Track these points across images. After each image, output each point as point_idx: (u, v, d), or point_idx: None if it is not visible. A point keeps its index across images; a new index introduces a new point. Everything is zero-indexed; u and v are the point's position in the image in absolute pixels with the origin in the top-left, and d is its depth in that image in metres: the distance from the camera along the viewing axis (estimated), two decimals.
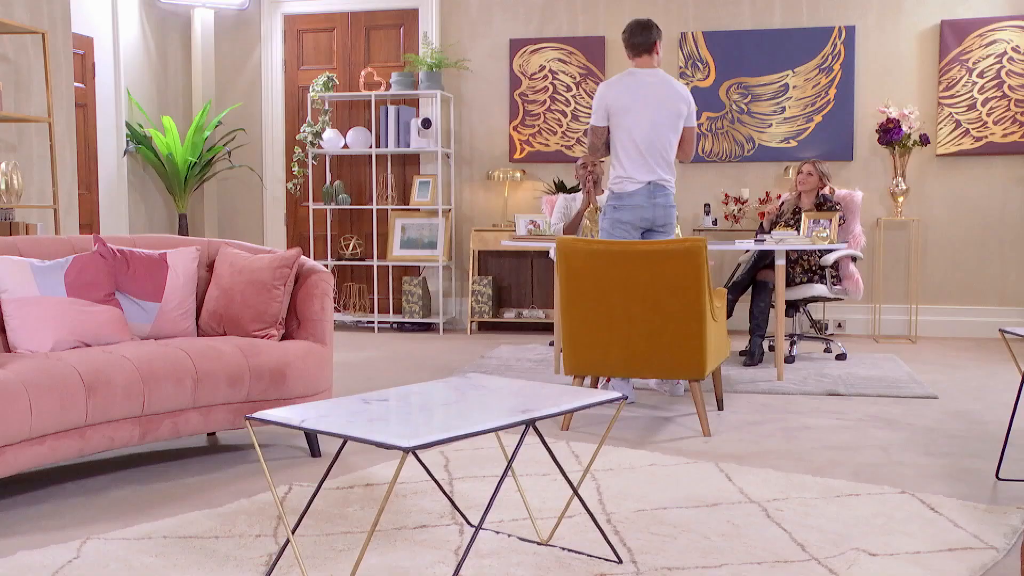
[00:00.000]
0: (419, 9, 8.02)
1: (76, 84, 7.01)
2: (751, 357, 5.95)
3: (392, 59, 8.15)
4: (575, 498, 3.23)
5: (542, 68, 7.79)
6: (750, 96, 7.49)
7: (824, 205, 6.21)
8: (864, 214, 7.15)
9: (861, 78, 7.36)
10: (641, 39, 4.99)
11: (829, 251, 6.03)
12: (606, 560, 2.70)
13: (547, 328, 7.77)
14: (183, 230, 7.86)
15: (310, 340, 3.96)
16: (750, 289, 6.17)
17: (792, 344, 6.21)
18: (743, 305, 7.08)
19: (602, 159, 5.12)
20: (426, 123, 7.67)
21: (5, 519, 3.11)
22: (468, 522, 2.99)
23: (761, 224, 6.52)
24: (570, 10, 7.78)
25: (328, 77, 7.78)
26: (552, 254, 6.42)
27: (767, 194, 7.42)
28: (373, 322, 7.98)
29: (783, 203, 6.44)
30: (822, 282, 6.09)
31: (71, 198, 5.96)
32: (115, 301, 3.74)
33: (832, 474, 3.60)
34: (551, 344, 6.86)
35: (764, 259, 6.12)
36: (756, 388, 5.22)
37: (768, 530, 2.93)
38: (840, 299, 6.22)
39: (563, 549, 2.79)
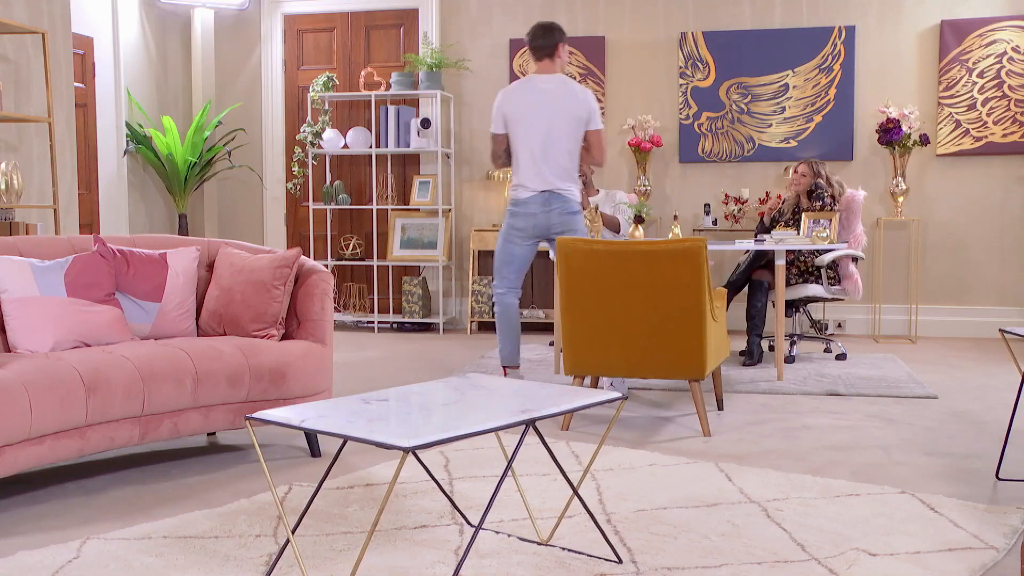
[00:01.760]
0: (419, 9, 8.02)
1: (76, 84, 7.01)
2: (750, 357, 5.95)
3: (392, 59, 8.15)
4: (575, 498, 3.23)
5: None
6: (750, 96, 7.49)
7: (814, 193, 6.17)
8: (864, 214, 7.15)
9: (861, 78, 7.36)
10: (542, 42, 4.95)
11: (825, 252, 6.02)
12: (606, 560, 2.70)
13: (547, 328, 7.77)
14: (183, 230, 7.86)
15: (310, 340, 3.96)
16: (746, 289, 6.17)
17: (792, 344, 6.21)
18: (739, 305, 7.07)
19: (505, 166, 5.13)
20: (425, 123, 7.67)
21: (5, 519, 3.11)
22: (468, 522, 2.99)
23: (761, 220, 6.50)
24: (570, 10, 7.78)
25: (328, 77, 7.78)
26: (552, 255, 6.43)
27: (767, 194, 7.42)
28: (373, 322, 7.99)
29: (784, 201, 6.43)
30: (818, 282, 6.08)
31: (71, 198, 5.96)
32: (115, 301, 3.74)
33: (832, 474, 3.60)
34: (551, 344, 6.86)
35: (760, 259, 6.12)
36: (756, 388, 5.22)
37: (768, 530, 2.93)
38: (838, 299, 6.21)
39: (563, 549, 2.79)
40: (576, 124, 4.92)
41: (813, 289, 6.06)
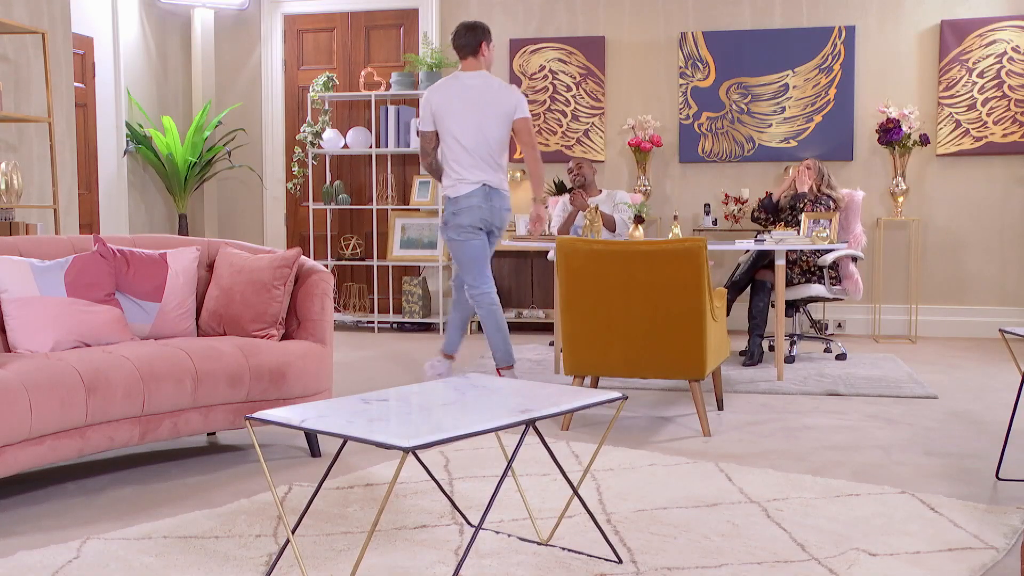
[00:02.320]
0: (419, 9, 8.02)
1: (76, 84, 7.01)
2: (750, 357, 5.95)
3: (392, 59, 8.15)
4: (575, 498, 3.23)
5: (542, 68, 7.79)
6: (750, 96, 7.49)
7: (819, 199, 6.16)
8: (864, 214, 7.14)
9: (861, 78, 7.36)
10: (465, 41, 5.04)
11: (827, 252, 6.02)
12: (606, 560, 2.70)
13: (547, 328, 7.77)
14: (183, 230, 7.86)
15: (310, 340, 3.96)
16: (748, 289, 6.17)
17: (792, 344, 6.20)
18: (741, 305, 7.07)
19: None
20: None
21: (5, 519, 3.11)
22: (468, 522, 2.99)
23: (769, 196, 6.37)
24: (570, 10, 7.78)
25: (328, 77, 7.78)
26: (551, 255, 6.42)
27: (767, 194, 7.41)
28: (373, 322, 7.98)
29: (783, 196, 6.41)
30: (820, 282, 6.08)
31: (71, 198, 5.96)
32: (115, 301, 3.74)
33: (832, 474, 3.60)
34: (551, 344, 6.86)
35: (762, 259, 6.12)
36: (756, 388, 5.22)
37: (768, 530, 2.93)
38: (839, 299, 6.21)
39: (563, 549, 2.79)
40: (504, 118, 5.03)
41: (816, 289, 6.06)
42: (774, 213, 6.31)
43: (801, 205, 6.15)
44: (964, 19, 7.15)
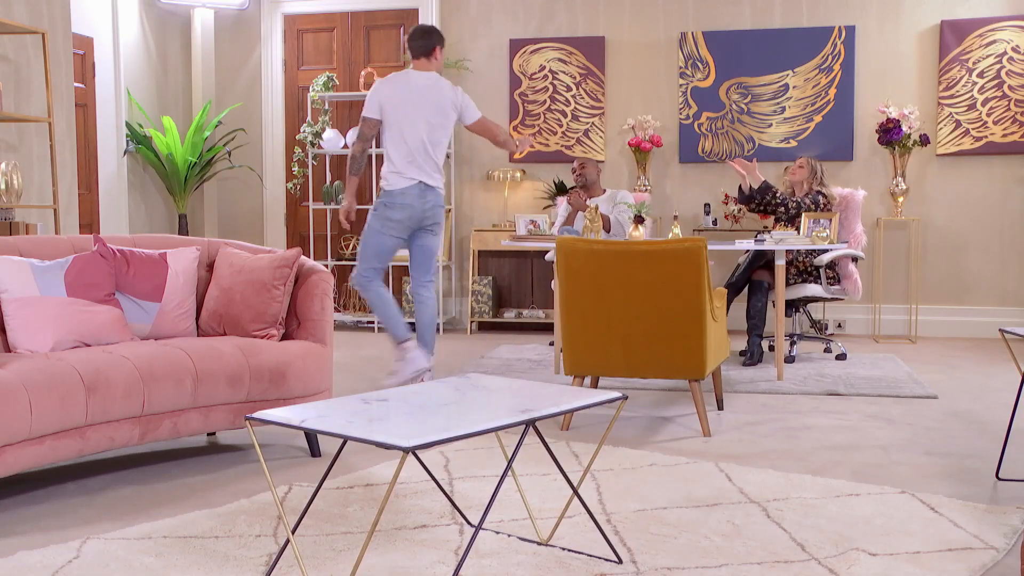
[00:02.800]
0: (419, 9, 8.02)
1: (76, 84, 7.01)
2: (750, 357, 5.95)
3: (392, 59, 8.15)
4: (575, 498, 3.23)
5: (542, 68, 7.79)
6: (750, 96, 7.49)
7: (811, 199, 6.13)
8: (864, 214, 7.14)
9: (861, 78, 7.36)
10: (420, 43, 5.20)
11: (823, 252, 6.01)
12: (606, 560, 2.70)
13: (547, 328, 7.77)
14: (183, 230, 7.86)
15: (310, 340, 3.96)
16: (746, 289, 6.16)
17: (792, 344, 6.20)
18: (739, 306, 7.07)
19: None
20: None
21: (5, 519, 3.11)
22: (468, 522, 2.99)
23: (740, 189, 6.27)
24: (570, 10, 7.78)
25: (328, 77, 7.78)
26: (549, 256, 6.42)
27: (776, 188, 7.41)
28: (373, 322, 7.98)
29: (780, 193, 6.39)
30: (817, 282, 6.08)
31: (71, 198, 5.96)
32: (115, 301, 3.74)
33: (832, 474, 3.60)
34: (551, 344, 6.86)
35: (759, 259, 6.12)
36: (756, 388, 5.22)
37: (768, 530, 2.93)
38: (838, 299, 6.20)
39: (563, 549, 2.79)
40: (447, 120, 5.17)
41: (812, 289, 6.05)
42: (747, 203, 6.24)
43: (770, 197, 6.09)
44: (964, 19, 7.15)
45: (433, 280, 5.32)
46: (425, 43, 5.19)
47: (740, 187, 6.22)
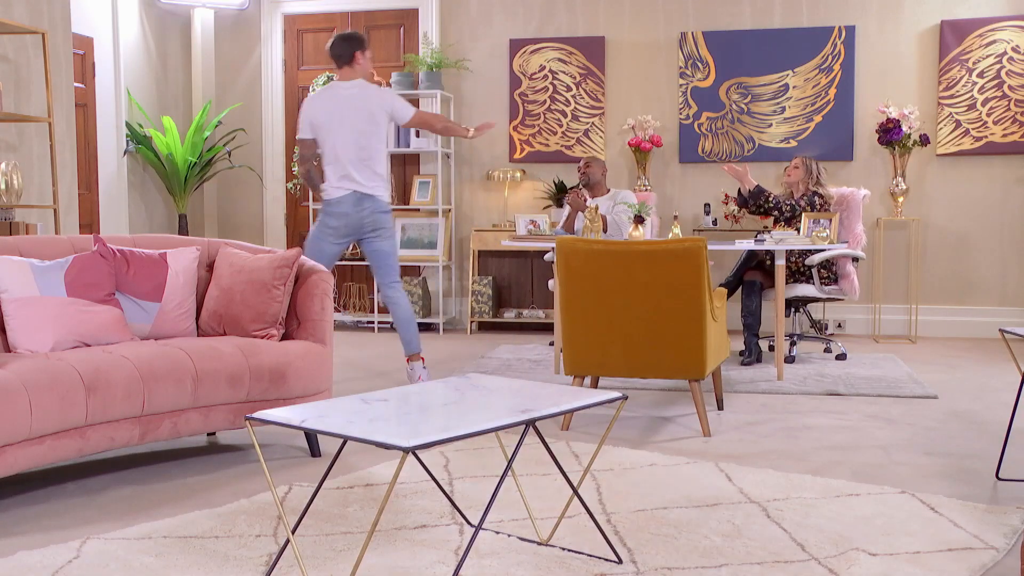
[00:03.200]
0: (419, 9, 8.02)
1: (76, 84, 7.01)
2: (748, 355, 5.95)
3: (392, 59, 8.15)
4: (575, 498, 3.23)
5: (542, 68, 7.79)
6: (750, 96, 7.49)
7: (808, 200, 6.13)
8: (864, 214, 7.14)
9: (861, 78, 7.36)
10: (339, 51, 5.20)
11: (816, 252, 5.97)
12: (606, 560, 2.70)
13: (547, 328, 7.77)
14: (183, 230, 7.86)
15: (310, 340, 3.96)
16: (740, 290, 6.15)
17: (792, 344, 6.20)
18: (733, 306, 7.05)
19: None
20: None
21: (5, 519, 3.11)
22: (468, 522, 2.99)
23: (764, 193, 6.25)
24: (570, 10, 7.78)
25: (328, 77, 7.77)
26: (548, 256, 6.42)
27: (769, 192, 7.41)
28: (373, 322, 7.98)
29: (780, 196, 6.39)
30: (810, 282, 6.06)
31: (71, 198, 5.96)
32: (115, 301, 3.74)
33: (832, 474, 3.60)
34: (551, 344, 6.86)
35: (751, 260, 6.13)
36: (756, 388, 5.22)
37: (768, 530, 2.93)
38: (833, 299, 6.18)
39: (563, 549, 2.79)
40: (378, 125, 5.17)
41: (804, 289, 6.04)
42: (744, 206, 6.27)
43: (763, 201, 6.11)
44: (964, 19, 7.15)
45: (399, 281, 5.33)
46: (344, 50, 5.19)
47: (739, 190, 6.23)
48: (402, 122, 5.23)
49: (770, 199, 6.12)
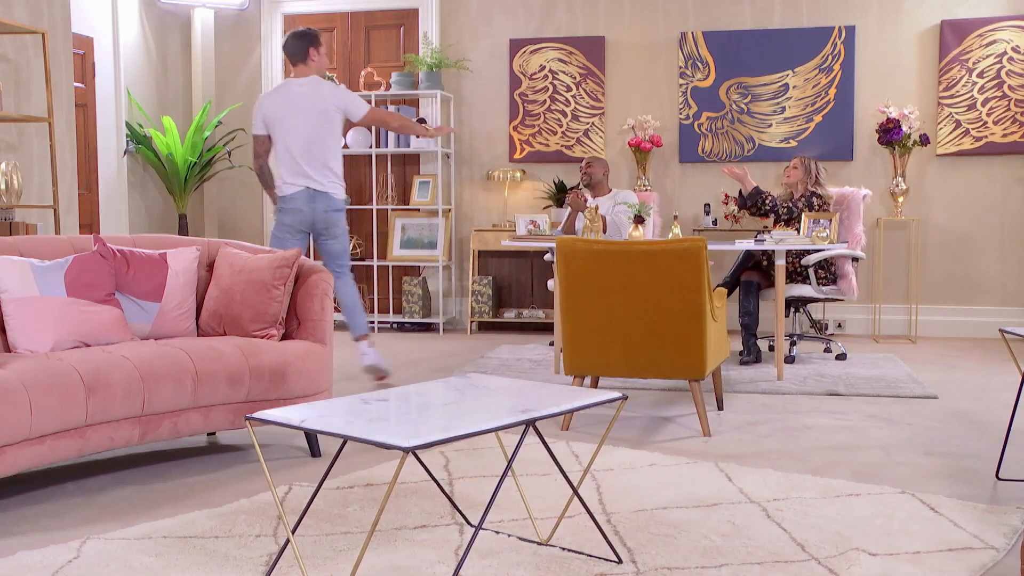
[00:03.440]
0: (419, 9, 8.02)
1: (76, 84, 7.01)
2: (747, 354, 5.95)
3: (392, 59, 8.15)
4: (575, 498, 3.23)
5: (542, 68, 7.79)
6: (750, 96, 7.49)
7: (807, 201, 6.13)
8: (864, 214, 7.14)
9: (861, 78, 7.36)
10: (294, 48, 5.25)
11: (813, 252, 5.96)
12: (606, 560, 2.70)
13: (547, 328, 7.77)
14: (183, 230, 7.86)
15: (310, 340, 3.96)
16: (738, 291, 6.15)
17: (792, 344, 6.20)
18: (731, 306, 7.03)
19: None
20: (421, 123, 7.67)
21: (5, 519, 3.11)
22: (468, 522, 2.99)
23: (762, 195, 6.25)
24: (570, 10, 7.78)
25: (328, 77, 7.78)
26: (547, 256, 6.41)
27: (767, 193, 7.41)
28: (373, 322, 7.98)
29: (779, 197, 6.40)
30: (807, 282, 6.06)
31: (71, 198, 5.96)
32: (115, 301, 3.74)
33: (832, 474, 3.60)
34: (551, 344, 6.86)
35: (748, 260, 6.13)
36: (756, 388, 5.22)
37: (768, 530, 2.93)
38: (831, 299, 6.17)
39: (563, 549, 2.79)
40: (332, 122, 5.19)
41: (801, 289, 6.04)
42: (744, 208, 6.29)
43: (761, 203, 6.13)
44: (964, 19, 7.15)
45: (346, 265, 5.39)
46: (298, 48, 5.22)
47: (740, 191, 6.24)
48: (356, 119, 5.26)
49: (767, 201, 6.13)
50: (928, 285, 7.36)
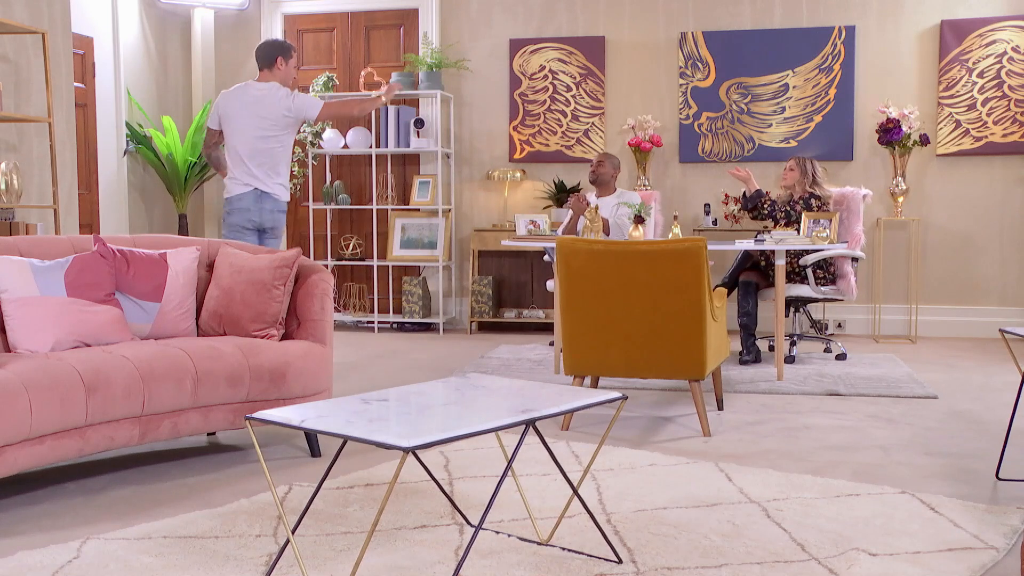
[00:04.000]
0: (419, 9, 8.02)
1: (76, 84, 7.01)
2: (747, 353, 5.95)
3: (392, 59, 8.15)
4: (575, 498, 3.23)
5: (542, 68, 7.79)
6: (750, 96, 7.49)
7: (805, 201, 6.13)
8: (864, 214, 7.14)
9: (861, 78, 7.36)
10: (264, 53, 5.43)
11: (811, 252, 5.96)
12: (606, 560, 2.70)
13: (547, 328, 7.77)
14: (183, 230, 7.86)
15: (310, 340, 3.96)
16: (737, 291, 6.15)
17: (792, 344, 6.20)
18: (730, 306, 7.03)
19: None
20: (419, 123, 7.68)
21: (5, 519, 3.11)
22: (468, 522, 2.99)
23: (762, 197, 6.23)
24: (570, 10, 7.78)
25: (328, 77, 7.78)
26: (547, 256, 6.41)
27: (767, 194, 7.41)
28: (373, 322, 7.99)
29: (778, 199, 6.40)
30: (805, 283, 6.06)
31: (71, 198, 5.96)
32: (115, 301, 3.74)
33: (832, 474, 3.60)
34: (551, 344, 6.86)
35: (747, 261, 6.13)
36: (756, 388, 5.22)
37: (768, 530, 2.93)
38: (831, 299, 6.17)
39: (563, 549, 2.79)
40: (281, 129, 5.36)
41: (799, 289, 6.04)
42: (746, 210, 6.30)
43: (760, 205, 6.14)
44: (964, 19, 7.15)
45: None
46: (268, 54, 5.41)
47: (744, 192, 6.25)
48: (312, 119, 5.42)
49: (765, 205, 6.14)
50: (928, 285, 7.37)
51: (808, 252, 5.97)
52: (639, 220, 5.61)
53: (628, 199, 6.36)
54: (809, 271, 5.99)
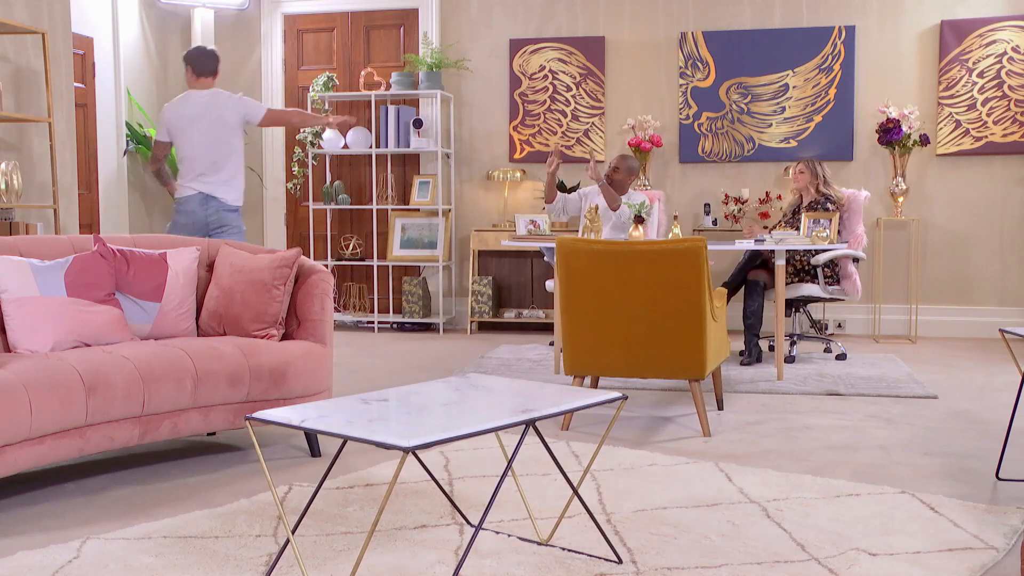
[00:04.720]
0: (419, 9, 8.02)
1: (76, 84, 7.00)
2: (748, 355, 5.95)
3: (392, 59, 8.15)
4: (575, 498, 3.23)
5: (542, 68, 7.79)
6: (750, 96, 7.49)
7: (818, 202, 6.17)
8: (864, 214, 7.14)
9: (861, 78, 7.36)
10: (204, 62, 5.68)
11: (822, 251, 5.98)
12: (606, 560, 2.70)
13: (547, 328, 7.77)
14: None
15: (310, 340, 3.96)
16: (743, 290, 6.15)
17: (792, 344, 6.20)
18: (734, 306, 7.05)
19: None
20: (418, 123, 7.68)
21: (5, 519, 3.11)
22: (468, 522, 2.99)
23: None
24: (570, 10, 7.78)
25: (328, 77, 7.78)
26: (547, 256, 6.41)
27: (767, 194, 7.42)
28: (373, 322, 7.99)
29: (787, 203, 6.42)
30: (814, 282, 6.07)
31: (71, 198, 5.96)
32: (115, 301, 3.74)
33: (832, 474, 3.60)
34: (551, 344, 6.86)
35: (754, 259, 6.13)
36: (756, 388, 5.22)
37: (768, 530, 2.93)
38: (836, 299, 6.18)
39: (563, 549, 2.79)
40: (229, 131, 5.58)
41: (809, 289, 6.04)
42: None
43: (786, 218, 6.21)
44: (964, 19, 7.15)
45: None
46: (209, 63, 5.68)
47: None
48: (256, 122, 5.63)
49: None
50: (928, 285, 7.37)
51: (814, 252, 5.98)
52: (639, 220, 5.61)
53: (631, 199, 6.36)
54: (819, 270, 6.01)
